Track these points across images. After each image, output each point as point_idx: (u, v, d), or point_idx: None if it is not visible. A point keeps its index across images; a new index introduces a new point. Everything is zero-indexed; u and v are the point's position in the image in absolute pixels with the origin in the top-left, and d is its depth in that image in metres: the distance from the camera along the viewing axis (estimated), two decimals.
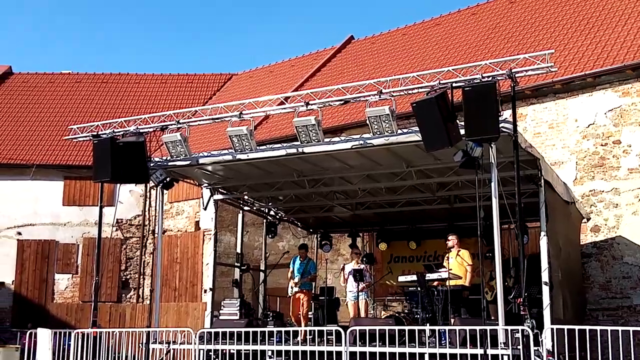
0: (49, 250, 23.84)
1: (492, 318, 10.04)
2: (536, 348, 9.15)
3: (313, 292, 15.58)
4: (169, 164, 12.18)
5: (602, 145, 15.52)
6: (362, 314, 13.01)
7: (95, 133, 12.35)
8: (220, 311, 13.58)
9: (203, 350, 11.29)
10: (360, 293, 13.13)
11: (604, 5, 18.39)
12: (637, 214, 14.93)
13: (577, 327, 9.37)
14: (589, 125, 15.74)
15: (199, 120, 12.18)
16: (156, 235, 21.93)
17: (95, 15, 61.04)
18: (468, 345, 9.51)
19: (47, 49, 60.47)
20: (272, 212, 16.03)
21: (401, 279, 12.64)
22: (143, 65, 68.30)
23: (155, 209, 23.83)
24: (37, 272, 23.64)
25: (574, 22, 18.41)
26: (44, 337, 12.30)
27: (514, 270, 10.39)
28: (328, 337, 10.96)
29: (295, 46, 65.67)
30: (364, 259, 14.39)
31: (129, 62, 63.16)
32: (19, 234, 23.82)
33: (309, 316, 13.95)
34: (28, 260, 23.65)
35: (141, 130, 12.09)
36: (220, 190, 14.01)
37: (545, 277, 10.03)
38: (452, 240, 12.21)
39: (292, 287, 13.34)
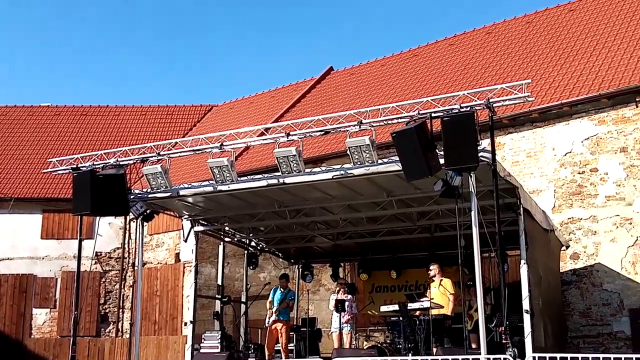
0: (27, 285, 23.51)
1: (474, 347, 10.01)
2: None
3: (294, 323, 15.51)
4: (150, 196, 12.12)
5: (579, 173, 15.70)
6: (346, 345, 12.93)
7: (74, 166, 12.28)
8: (201, 344, 13.42)
9: None
10: (344, 324, 13.08)
11: (579, 35, 18.75)
12: (615, 241, 15.07)
13: (558, 355, 9.38)
14: (566, 154, 15.94)
15: (180, 152, 12.16)
16: (136, 267, 21.73)
17: (75, 47, 61.06)
18: None
19: (27, 81, 60.28)
20: (253, 243, 15.97)
21: (383, 308, 12.62)
22: (123, 97, 68.39)
23: (135, 242, 23.64)
24: (15, 306, 23.27)
25: (549, 52, 18.73)
26: None
27: (493, 298, 10.42)
28: None
29: (275, 77, 66.00)
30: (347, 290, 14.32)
31: (108, 94, 63.11)
32: None
33: (290, 347, 13.84)
34: (5, 295, 23.29)
35: (121, 163, 12.04)
36: (200, 221, 13.94)
37: (526, 305, 10.04)
38: (433, 269, 12.27)
39: (268, 317, 13.19)
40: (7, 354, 21.18)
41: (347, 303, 13.34)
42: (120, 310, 23.85)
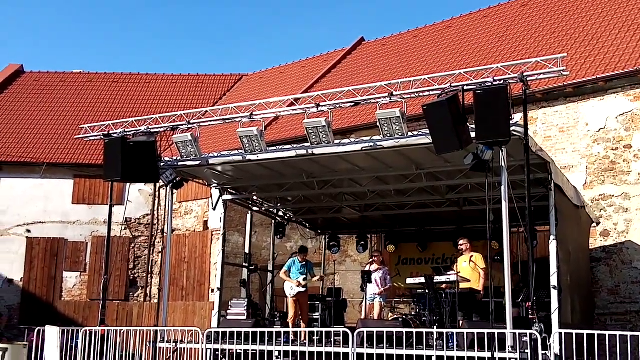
0: (58, 248, 23.93)
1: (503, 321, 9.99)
2: (544, 352, 9.13)
3: (320, 292, 15.62)
4: (179, 163, 12.21)
5: (612, 149, 15.46)
6: (375, 317, 12.99)
7: (106, 132, 12.40)
8: (228, 311, 13.60)
9: (210, 349, 11.31)
10: (376, 296, 13.14)
11: (616, 9, 18.33)
12: None
13: (585, 332, 9.34)
14: (599, 130, 15.69)
15: (210, 121, 12.21)
16: (165, 234, 22.02)
17: (107, 15, 61.33)
18: (476, 349, 9.49)
19: (59, 48, 60.78)
20: (280, 213, 16.05)
21: (409, 281, 12.63)
22: (154, 65, 68.56)
23: (165, 209, 23.91)
24: (46, 269, 23.73)
25: (585, 26, 18.36)
26: (52, 334, 12.34)
27: (521, 274, 10.35)
28: (335, 338, 10.95)
29: (306, 48, 65.73)
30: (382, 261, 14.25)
31: (139, 62, 63.40)
32: (29, 231, 23.92)
33: (315, 317, 13.95)
34: (37, 258, 23.74)
35: (152, 130, 12.13)
36: (229, 190, 14.04)
37: (554, 281, 10.00)
38: (463, 244, 12.20)
39: (292, 288, 13.17)
40: (38, 315, 21.59)
41: (380, 275, 13.34)
42: (149, 275, 24.21)
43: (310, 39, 61.39)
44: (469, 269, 11.85)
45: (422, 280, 11.94)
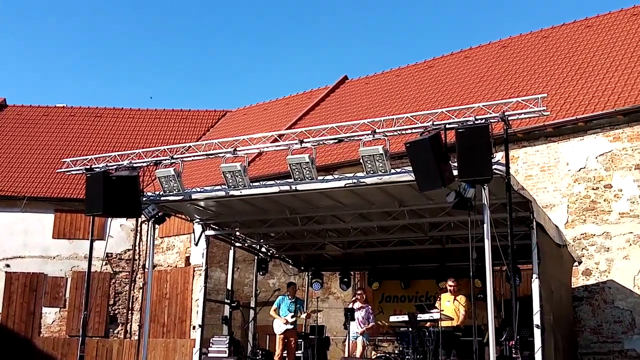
0: (37, 284, 23.62)
1: None
2: None
3: (303, 330, 15.49)
4: (162, 198, 12.14)
5: (593, 189, 15.62)
6: (358, 355, 12.88)
7: (88, 166, 12.33)
8: (209, 348, 13.43)
9: None
10: (358, 334, 13.06)
11: (595, 51, 18.69)
12: (628, 258, 14.96)
13: None
14: (580, 169, 15.86)
15: (193, 156, 12.20)
16: (146, 269, 21.81)
17: (91, 49, 61.49)
18: None
19: (42, 82, 60.74)
20: (263, 249, 15.97)
21: (392, 319, 12.58)
22: (137, 100, 68.69)
23: (146, 244, 23.71)
24: (25, 305, 23.38)
25: (565, 67, 18.67)
26: None
27: (504, 312, 10.33)
28: None
29: (290, 85, 66.20)
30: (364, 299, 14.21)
31: (123, 96, 63.52)
32: (8, 266, 23.62)
33: (297, 355, 13.80)
34: (16, 293, 23.40)
35: (134, 165, 12.08)
36: (212, 225, 13.96)
37: (537, 319, 9.98)
38: (453, 285, 12.19)
39: (280, 325, 13.12)
40: (15, 352, 21.25)
41: (362, 314, 13.27)
42: (130, 311, 23.91)
43: (294, 77, 61.90)
44: (452, 307, 11.82)
45: (406, 318, 11.89)
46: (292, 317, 12.98)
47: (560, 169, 16.13)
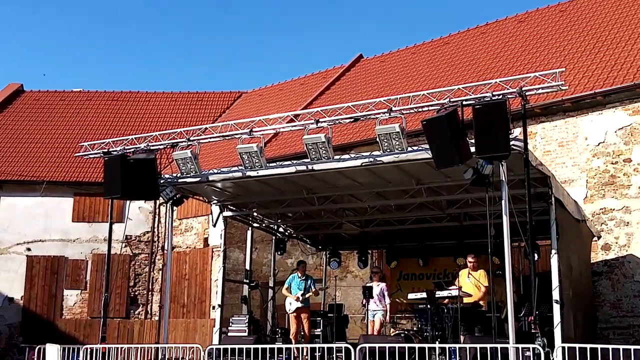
0: (58, 267, 23.89)
1: (505, 336, 9.96)
2: None
3: (321, 309, 15.57)
4: (179, 180, 12.21)
5: (612, 163, 15.48)
6: (375, 332, 12.94)
7: (106, 150, 12.41)
8: (229, 328, 13.54)
9: None
10: (375, 312, 13.09)
11: (614, 24, 18.43)
12: None
13: (588, 346, 9.31)
14: (599, 144, 15.72)
15: (209, 138, 12.23)
16: (165, 251, 22.00)
17: (107, 33, 61.61)
18: None
19: (59, 67, 61.00)
20: (281, 229, 16.04)
21: (411, 296, 12.60)
22: (153, 83, 68.80)
23: (165, 226, 23.89)
24: (46, 287, 23.69)
25: (583, 41, 18.44)
26: (53, 352, 12.30)
27: (523, 288, 10.31)
28: (337, 354, 10.91)
29: (305, 65, 65.97)
30: (381, 277, 14.25)
31: (139, 80, 63.65)
32: (29, 250, 23.90)
33: (317, 333, 13.87)
34: (37, 276, 23.70)
35: (152, 148, 12.14)
36: (229, 207, 14.03)
37: (556, 295, 9.97)
38: (473, 261, 12.14)
39: (290, 303, 13.20)
40: (38, 333, 21.55)
41: (378, 291, 13.28)
42: (150, 293, 24.16)
43: (309, 57, 61.68)
44: (471, 284, 11.82)
45: (424, 295, 11.91)
46: (302, 294, 13.05)
47: (579, 144, 16.00)
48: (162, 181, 12.21)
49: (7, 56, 59.98)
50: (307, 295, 13.16)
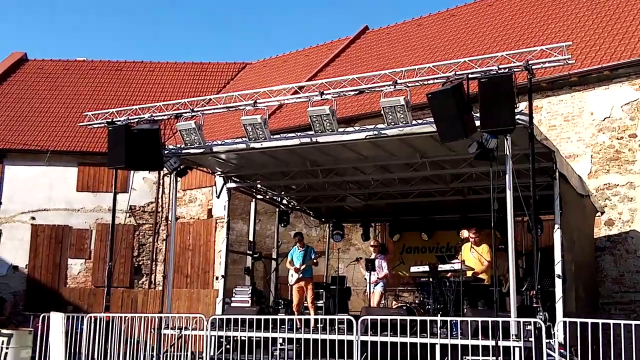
0: (63, 236, 24.00)
1: (508, 310, 10.02)
2: (548, 341, 9.14)
3: (324, 281, 15.64)
4: (183, 151, 12.22)
5: (617, 138, 15.42)
6: (374, 304, 13.02)
7: (109, 120, 12.41)
8: (232, 298, 13.64)
9: (215, 336, 11.36)
10: (373, 284, 13.13)
11: None
12: None
13: (589, 321, 9.34)
14: (604, 119, 15.64)
15: (213, 109, 12.21)
16: (169, 222, 22.04)
17: (110, 3, 61.16)
18: (480, 337, 9.50)
19: (62, 36, 60.68)
20: (284, 201, 16.05)
21: (413, 269, 12.64)
22: (157, 53, 68.43)
23: (169, 196, 23.94)
24: (51, 256, 23.82)
25: (590, 15, 18.27)
26: (57, 321, 12.40)
27: (525, 263, 10.33)
28: (339, 326, 10.98)
29: (310, 37, 65.55)
30: (380, 250, 14.30)
31: (143, 50, 63.31)
32: (33, 219, 23.99)
33: (319, 305, 13.95)
34: (42, 245, 23.83)
35: (156, 118, 12.14)
36: (233, 178, 14.04)
37: (558, 270, 10.00)
38: (475, 236, 12.12)
39: (292, 275, 13.26)
40: (43, 302, 21.69)
41: (377, 262, 13.34)
42: (154, 263, 24.29)
43: (314, 28, 61.23)
44: (474, 258, 11.84)
45: (426, 268, 11.95)
46: (303, 267, 13.10)
47: (585, 119, 15.92)
48: (166, 152, 12.23)
49: (10, 25, 59.71)
50: (304, 266, 13.18)
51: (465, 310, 10.73)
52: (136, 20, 61.92)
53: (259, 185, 14.85)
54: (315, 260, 13.52)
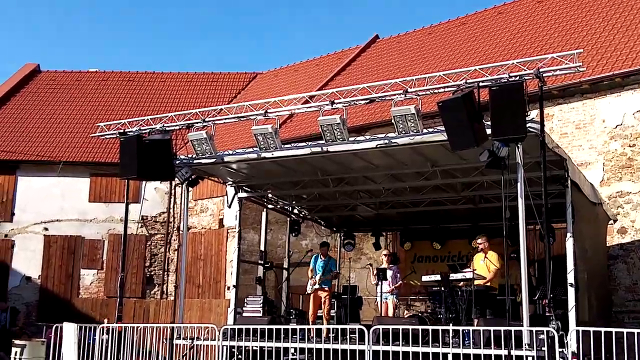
0: (75, 246, 24.09)
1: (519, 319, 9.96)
2: (561, 350, 9.08)
3: (336, 290, 15.61)
4: (195, 161, 12.25)
5: (629, 146, 15.33)
6: (389, 314, 12.97)
7: (122, 130, 12.47)
8: (244, 308, 13.64)
9: (226, 346, 11.35)
10: (388, 294, 13.09)
11: (632, 4, 18.17)
12: None
13: (603, 329, 9.27)
14: (616, 126, 15.57)
15: (225, 119, 12.24)
16: (181, 232, 22.08)
17: (123, 14, 61.62)
18: (492, 346, 9.45)
19: (75, 47, 61.14)
20: (295, 211, 16.06)
21: (425, 278, 12.60)
22: (169, 63, 68.80)
23: (180, 206, 23.99)
24: (63, 267, 23.91)
25: (601, 22, 18.21)
26: (70, 331, 12.44)
27: (537, 271, 10.27)
28: (351, 335, 10.96)
29: (320, 46, 65.71)
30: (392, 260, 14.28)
31: (155, 60, 63.67)
32: (46, 229, 24.11)
33: (331, 314, 13.92)
34: (54, 256, 23.92)
35: (167, 128, 12.19)
36: (244, 188, 14.07)
37: (570, 278, 9.94)
38: (482, 242, 12.06)
39: (311, 285, 13.25)
40: (55, 312, 21.78)
41: (390, 273, 13.30)
42: (165, 273, 24.33)
43: (324, 38, 61.39)
44: (484, 266, 11.80)
45: (438, 277, 11.92)
46: (322, 278, 13.08)
47: (596, 126, 15.85)
48: (177, 162, 12.26)
49: (24, 36, 60.24)
50: (322, 279, 13.16)
51: (477, 319, 10.68)
52: (148, 30, 62.34)
53: (270, 195, 14.87)
54: (335, 273, 13.51)
